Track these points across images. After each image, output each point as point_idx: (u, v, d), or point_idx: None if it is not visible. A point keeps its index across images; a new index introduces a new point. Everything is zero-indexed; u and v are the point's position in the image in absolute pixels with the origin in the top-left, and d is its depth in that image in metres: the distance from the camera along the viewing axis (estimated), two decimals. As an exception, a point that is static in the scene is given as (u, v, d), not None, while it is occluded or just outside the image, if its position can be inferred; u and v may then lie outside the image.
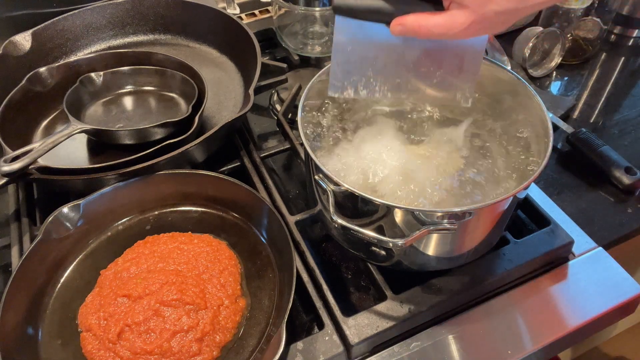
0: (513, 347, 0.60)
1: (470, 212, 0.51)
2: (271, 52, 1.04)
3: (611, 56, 1.03)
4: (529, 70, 0.96)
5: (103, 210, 0.68)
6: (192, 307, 0.59)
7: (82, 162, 0.76)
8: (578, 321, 0.62)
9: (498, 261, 0.64)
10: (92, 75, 0.80)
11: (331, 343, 0.58)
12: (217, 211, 0.72)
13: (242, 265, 0.66)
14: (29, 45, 0.85)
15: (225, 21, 0.90)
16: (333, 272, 0.68)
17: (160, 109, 0.82)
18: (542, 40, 0.95)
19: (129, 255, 0.65)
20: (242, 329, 0.60)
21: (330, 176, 0.53)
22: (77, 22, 0.91)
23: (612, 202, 0.76)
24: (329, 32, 1.01)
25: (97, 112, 0.80)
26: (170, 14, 0.95)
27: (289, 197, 0.79)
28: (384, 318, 0.59)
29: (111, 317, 0.58)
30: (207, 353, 0.56)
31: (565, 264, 0.67)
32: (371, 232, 0.53)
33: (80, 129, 0.71)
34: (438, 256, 0.59)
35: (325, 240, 0.72)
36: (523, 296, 0.64)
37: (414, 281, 0.62)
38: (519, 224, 0.71)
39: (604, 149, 0.78)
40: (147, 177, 0.68)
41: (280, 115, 0.80)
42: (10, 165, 0.63)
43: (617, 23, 1.05)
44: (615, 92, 0.95)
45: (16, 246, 0.69)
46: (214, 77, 0.89)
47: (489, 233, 0.59)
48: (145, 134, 0.73)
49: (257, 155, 0.77)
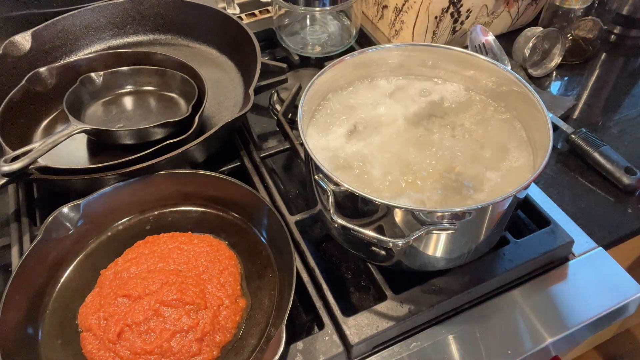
0: (513, 347, 0.60)
1: (470, 212, 0.51)
2: (271, 52, 1.04)
3: (611, 56, 1.03)
4: (529, 70, 0.96)
5: (103, 210, 0.68)
6: (192, 307, 0.59)
7: (82, 162, 0.76)
8: (578, 321, 0.62)
9: (498, 261, 0.64)
10: (92, 75, 0.80)
11: (331, 343, 0.58)
12: (217, 211, 0.72)
13: (242, 265, 0.66)
14: (29, 45, 0.85)
15: (225, 21, 0.90)
16: (333, 272, 0.68)
17: (160, 109, 0.82)
18: (542, 40, 0.95)
19: (129, 255, 0.65)
20: (242, 329, 0.60)
21: (330, 176, 0.53)
22: (77, 22, 0.91)
23: (612, 202, 0.76)
24: (329, 32, 1.01)
25: (97, 112, 0.80)
26: (170, 14, 0.95)
27: (289, 197, 0.79)
28: (384, 318, 0.59)
29: (111, 317, 0.58)
30: (207, 353, 0.56)
31: (565, 264, 0.67)
32: (371, 232, 0.53)
33: (80, 129, 0.71)
34: (438, 256, 0.59)
35: (325, 240, 0.72)
36: (523, 296, 0.64)
37: (414, 281, 0.62)
38: (519, 224, 0.71)
39: (604, 149, 0.78)
40: (147, 177, 0.68)
41: (280, 115, 0.80)
42: (10, 165, 0.63)
43: (617, 23, 1.05)
44: (615, 92, 0.95)
45: (16, 246, 0.69)
46: (214, 77, 0.89)
47: (489, 233, 0.59)
48: (145, 134, 0.73)
49: (257, 155, 0.77)
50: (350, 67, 0.68)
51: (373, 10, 1.06)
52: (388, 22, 1.02)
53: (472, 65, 0.67)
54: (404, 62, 0.70)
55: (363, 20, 1.07)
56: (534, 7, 1.04)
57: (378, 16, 1.05)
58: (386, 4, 1.01)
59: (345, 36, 1.01)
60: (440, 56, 0.68)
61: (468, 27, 0.98)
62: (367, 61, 0.69)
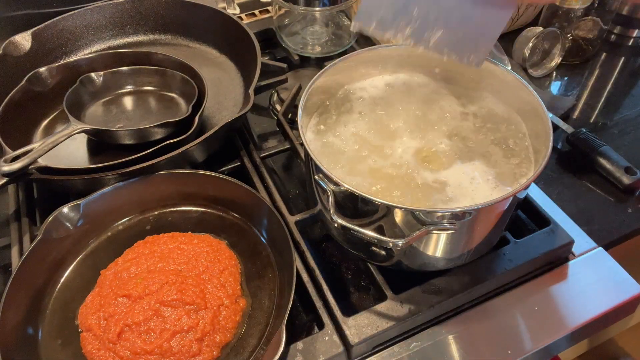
0: (513, 347, 0.60)
1: (470, 212, 0.51)
2: (271, 52, 1.04)
3: (611, 56, 1.03)
4: (529, 70, 0.96)
5: (103, 210, 0.68)
6: (192, 307, 0.59)
7: (82, 162, 0.76)
8: (578, 321, 0.62)
9: (498, 261, 0.64)
10: (92, 75, 0.80)
11: (331, 343, 0.58)
12: (217, 211, 0.72)
13: (242, 265, 0.66)
14: (29, 45, 0.85)
15: (225, 21, 0.90)
16: (333, 272, 0.68)
17: (160, 109, 0.82)
18: (542, 40, 0.95)
19: (129, 255, 0.65)
20: (242, 329, 0.60)
21: (330, 176, 0.53)
22: (77, 22, 0.91)
23: (612, 202, 0.76)
24: (329, 32, 1.01)
25: (97, 112, 0.80)
26: (170, 14, 0.95)
27: (289, 197, 0.79)
28: (384, 318, 0.59)
29: (111, 317, 0.58)
30: (207, 353, 0.56)
31: (565, 264, 0.67)
32: (371, 232, 0.53)
33: (80, 129, 0.71)
34: (438, 256, 0.59)
35: (325, 240, 0.72)
36: (523, 296, 0.64)
37: (414, 281, 0.62)
38: (519, 224, 0.71)
39: (604, 149, 0.78)
40: (147, 177, 0.68)
41: (280, 115, 0.80)
42: (10, 165, 0.63)
43: (617, 23, 1.05)
44: (615, 92, 0.95)
45: (16, 246, 0.69)
46: (214, 77, 0.89)
47: (489, 233, 0.59)
48: (145, 134, 0.73)
49: (257, 155, 0.77)
50: (350, 67, 0.68)
51: (373, 10, 1.06)
52: (388, 22, 1.02)
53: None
54: (404, 62, 0.70)
55: (363, 20, 1.07)
56: (534, 7, 1.04)
57: (378, 16, 1.05)
58: (386, 4, 1.00)
59: (345, 36, 1.01)
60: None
61: (468, 27, 0.98)
62: (367, 61, 0.69)
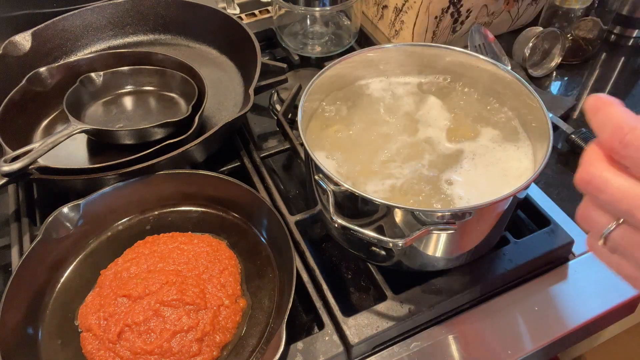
0: (513, 347, 0.60)
1: (470, 212, 0.51)
2: (271, 52, 1.04)
3: (611, 56, 1.03)
4: (529, 70, 0.96)
5: (103, 210, 0.68)
6: (192, 307, 0.59)
7: (82, 162, 0.76)
8: (578, 321, 0.62)
9: (498, 261, 0.64)
10: (92, 75, 0.80)
11: (331, 343, 0.58)
12: (217, 211, 0.72)
13: (242, 265, 0.66)
14: (29, 45, 0.85)
15: (225, 21, 0.90)
16: (333, 272, 0.68)
17: (160, 109, 0.82)
18: (542, 40, 0.95)
19: (129, 255, 0.65)
20: (242, 329, 0.60)
21: (330, 176, 0.53)
22: (77, 22, 0.91)
23: (612, 202, 0.76)
24: (329, 32, 1.01)
25: (97, 112, 0.80)
26: (170, 14, 0.95)
27: (289, 197, 0.79)
28: (384, 318, 0.59)
29: (111, 317, 0.58)
30: (207, 353, 0.56)
31: (565, 264, 0.67)
32: (371, 232, 0.53)
33: (80, 129, 0.71)
34: (438, 256, 0.59)
35: (325, 240, 0.72)
36: (523, 296, 0.64)
37: (414, 281, 0.62)
38: (519, 224, 0.71)
39: (604, 149, 0.78)
40: (147, 177, 0.68)
41: (280, 115, 0.80)
42: (10, 165, 0.63)
43: (617, 23, 1.05)
44: (615, 92, 0.95)
45: (16, 246, 0.69)
46: (214, 77, 0.89)
47: (489, 233, 0.59)
48: (145, 134, 0.73)
49: (257, 155, 0.77)
50: (350, 67, 0.68)
51: (373, 10, 1.06)
52: (388, 22, 1.02)
53: (472, 65, 0.67)
54: (404, 62, 0.70)
55: (363, 20, 1.07)
56: (534, 7, 1.04)
57: (378, 16, 1.05)
58: (386, 4, 1.01)
59: (345, 36, 1.01)
60: (440, 56, 0.68)
61: (468, 27, 0.98)
62: (367, 61, 0.69)
